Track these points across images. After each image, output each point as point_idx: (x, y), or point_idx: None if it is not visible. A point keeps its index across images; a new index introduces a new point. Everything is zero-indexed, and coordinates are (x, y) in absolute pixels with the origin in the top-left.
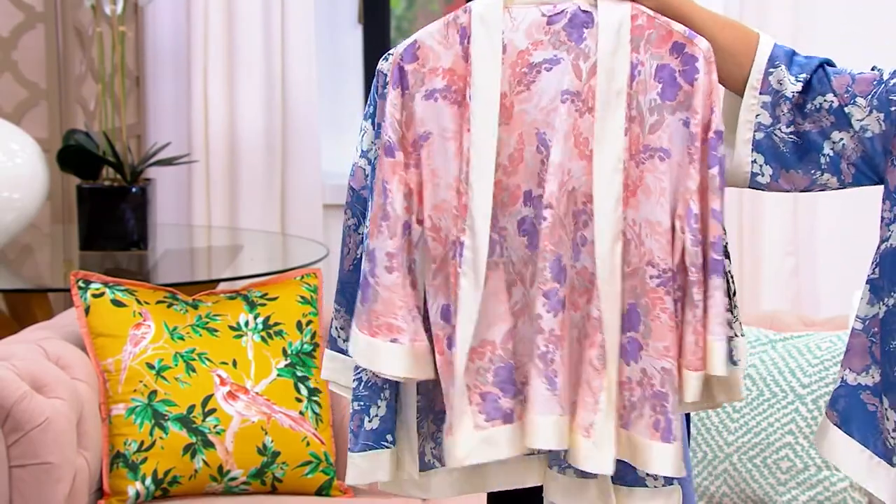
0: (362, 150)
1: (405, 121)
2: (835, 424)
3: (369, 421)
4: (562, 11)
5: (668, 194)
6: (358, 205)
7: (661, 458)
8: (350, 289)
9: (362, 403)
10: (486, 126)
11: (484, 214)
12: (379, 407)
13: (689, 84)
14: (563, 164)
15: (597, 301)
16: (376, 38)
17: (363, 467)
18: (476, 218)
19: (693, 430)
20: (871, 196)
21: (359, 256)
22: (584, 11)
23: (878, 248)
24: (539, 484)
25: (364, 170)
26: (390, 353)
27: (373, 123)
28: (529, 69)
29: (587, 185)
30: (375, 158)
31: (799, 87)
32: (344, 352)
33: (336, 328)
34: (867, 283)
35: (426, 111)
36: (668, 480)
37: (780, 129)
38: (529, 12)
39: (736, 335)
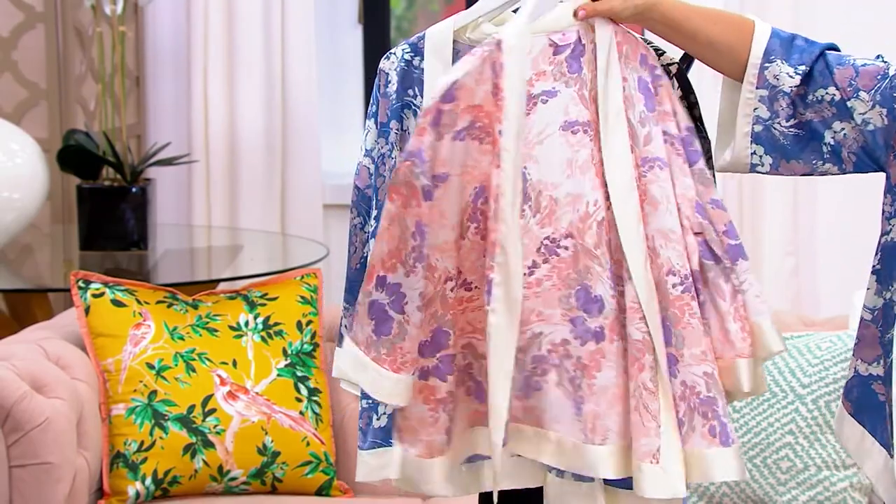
0: (366, 150)
1: (433, 162)
2: (850, 414)
3: (377, 419)
4: (569, 43)
5: (672, 201)
6: (363, 203)
7: (724, 463)
8: (358, 287)
9: (370, 401)
10: (516, 161)
11: (517, 250)
12: (387, 405)
13: (654, 92)
14: (583, 195)
15: (639, 323)
16: (376, 38)
17: (372, 464)
18: (510, 254)
19: None
20: (871, 196)
21: (365, 255)
22: (583, 44)
23: (880, 240)
24: (538, 485)
25: (368, 169)
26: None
27: (376, 122)
28: (527, 101)
29: (610, 212)
30: (380, 157)
31: (797, 80)
32: None
33: (345, 326)
34: (872, 273)
35: (451, 152)
36: None
37: (779, 122)
38: (538, 41)
39: None
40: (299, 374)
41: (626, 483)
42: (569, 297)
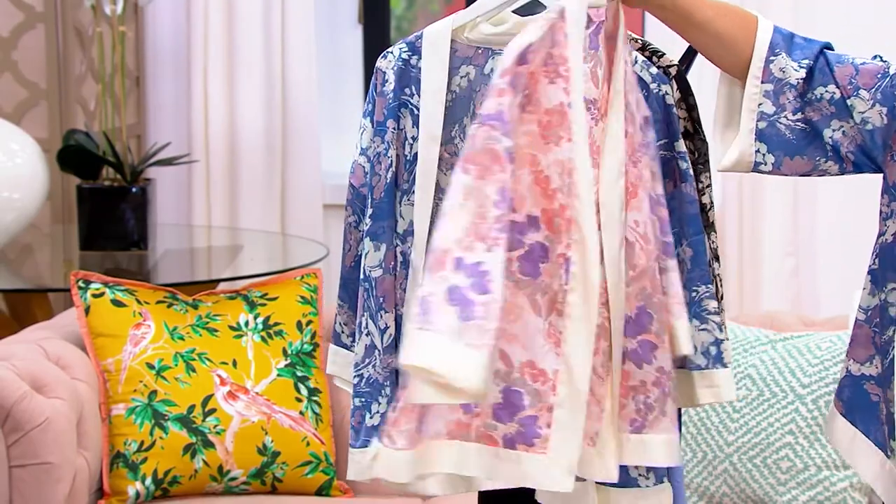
0: (361, 148)
1: (515, 125)
2: (841, 414)
3: (370, 417)
4: (598, 20)
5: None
6: (358, 202)
7: (675, 448)
8: (352, 285)
9: (364, 400)
10: (585, 132)
11: (592, 227)
12: (380, 403)
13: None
14: None
15: (601, 308)
16: (376, 38)
17: (364, 463)
18: (585, 230)
19: (693, 430)
20: (871, 196)
21: (359, 253)
22: (604, 20)
23: (877, 240)
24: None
25: (364, 167)
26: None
27: (372, 121)
28: None
29: (598, 194)
30: (375, 156)
31: (802, 73)
32: (347, 346)
33: (340, 324)
34: (868, 273)
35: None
36: (660, 479)
37: (785, 116)
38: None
39: (726, 338)
40: (299, 374)
41: (625, 480)
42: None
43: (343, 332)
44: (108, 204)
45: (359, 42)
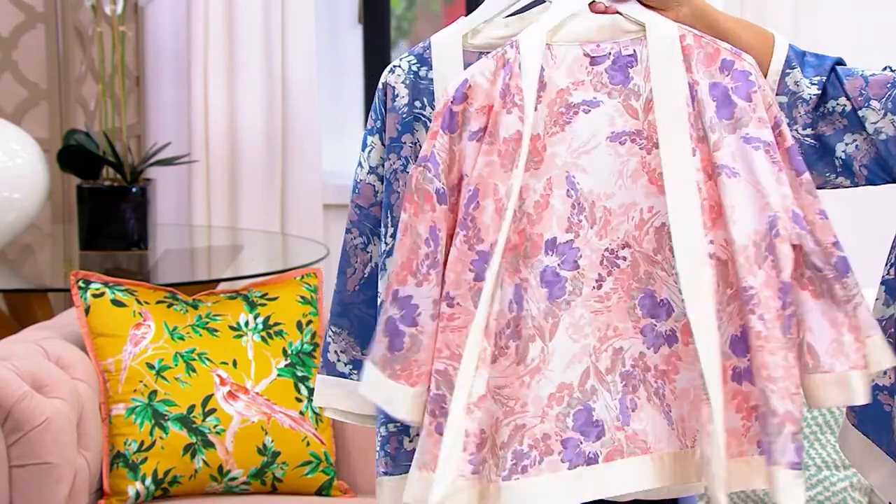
0: (370, 167)
1: (450, 164)
2: (853, 426)
3: (410, 441)
4: (607, 53)
5: (747, 210)
6: (367, 223)
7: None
8: (355, 310)
9: (399, 425)
10: (524, 159)
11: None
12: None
13: (744, 100)
14: (636, 203)
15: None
16: (376, 38)
17: (415, 489)
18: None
19: None
20: (874, 196)
21: (366, 276)
22: (628, 55)
23: (894, 248)
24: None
25: (374, 186)
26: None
27: (381, 138)
28: (567, 109)
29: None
30: (391, 173)
31: (815, 90)
32: (345, 375)
33: (335, 352)
34: (882, 283)
35: (468, 153)
36: None
37: (796, 129)
38: (571, 50)
39: None
40: (299, 374)
41: None
42: (634, 308)
43: (340, 360)
44: (108, 204)
45: (359, 42)
